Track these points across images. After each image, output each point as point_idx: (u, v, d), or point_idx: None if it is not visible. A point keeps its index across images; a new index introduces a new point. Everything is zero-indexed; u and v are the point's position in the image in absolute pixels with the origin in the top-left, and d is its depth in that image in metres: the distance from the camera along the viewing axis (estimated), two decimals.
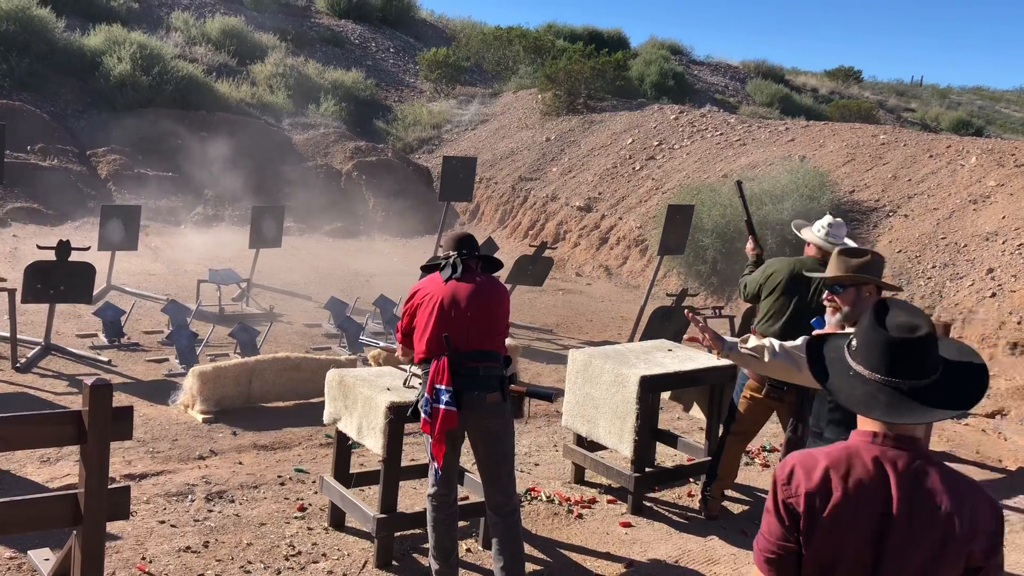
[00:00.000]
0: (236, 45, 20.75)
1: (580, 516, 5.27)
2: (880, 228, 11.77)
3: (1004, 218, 10.82)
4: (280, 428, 6.42)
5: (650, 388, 5.19)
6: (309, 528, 4.84)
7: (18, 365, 7.27)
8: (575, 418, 5.57)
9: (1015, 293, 9.54)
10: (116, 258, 10.06)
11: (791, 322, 4.84)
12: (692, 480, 5.84)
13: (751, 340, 3.44)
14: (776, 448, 6.60)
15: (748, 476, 6.02)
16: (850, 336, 2.14)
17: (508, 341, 4.28)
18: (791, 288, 4.91)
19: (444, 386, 3.80)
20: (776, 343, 3.49)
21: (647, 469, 5.47)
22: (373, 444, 4.37)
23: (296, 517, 4.96)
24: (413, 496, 5.18)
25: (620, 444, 5.24)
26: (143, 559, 4.35)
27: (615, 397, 5.25)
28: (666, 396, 6.00)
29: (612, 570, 4.65)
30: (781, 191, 11.85)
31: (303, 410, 6.75)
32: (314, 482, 5.40)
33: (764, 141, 15.38)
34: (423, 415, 3.89)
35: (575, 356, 5.59)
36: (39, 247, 7.93)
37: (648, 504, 5.49)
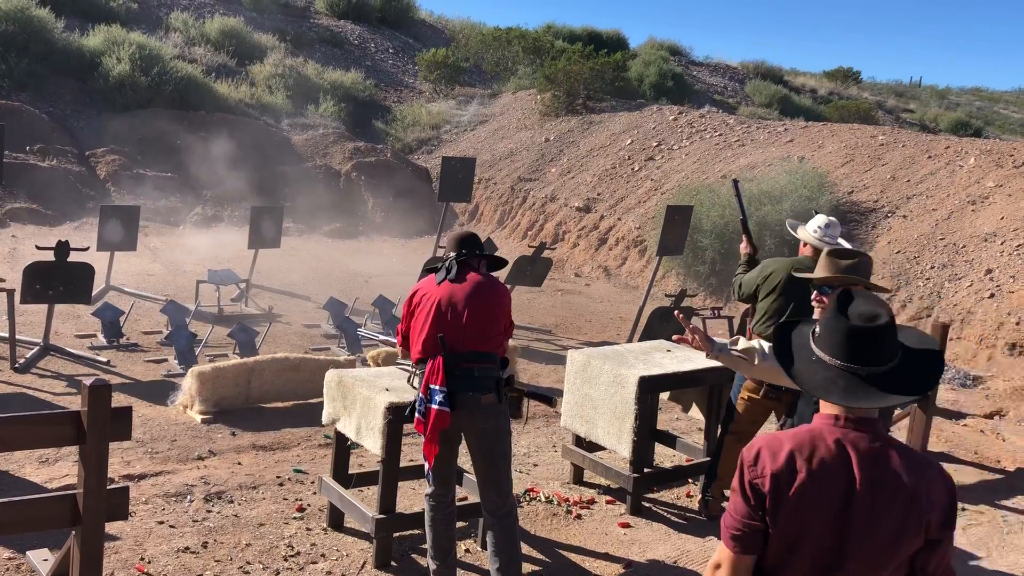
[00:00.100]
0: (235, 45, 20.75)
1: (579, 517, 5.28)
2: (879, 229, 11.78)
3: (1002, 219, 10.83)
4: (279, 429, 6.42)
5: (649, 389, 5.20)
6: (308, 529, 4.85)
7: (17, 365, 7.27)
8: (574, 419, 5.57)
9: (1013, 294, 9.55)
10: (115, 258, 10.06)
11: None
12: (691, 481, 5.85)
13: (741, 342, 3.42)
14: None
15: None
16: (815, 324, 2.21)
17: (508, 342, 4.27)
18: (789, 289, 4.92)
19: (438, 386, 3.82)
20: (766, 345, 3.47)
21: (646, 470, 5.48)
22: (372, 445, 4.38)
23: (295, 518, 4.97)
24: (412, 497, 5.18)
25: (619, 445, 5.25)
26: (142, 559, 4.36)
27: (614, 398, 5.25)
28: (665, 397, 6.01)
29: (611, 571, 4.66)
30: (780, 192, 11.87)
31: (302, 411, 6.75)
32: (313, 483, 5.39)
33: (763, 142, 15.38)
34: (417, 415, 3.91)
35: (574, 357, 5.59)
36: (38, 247, 7.92)
37: (647, 505, 5.49)
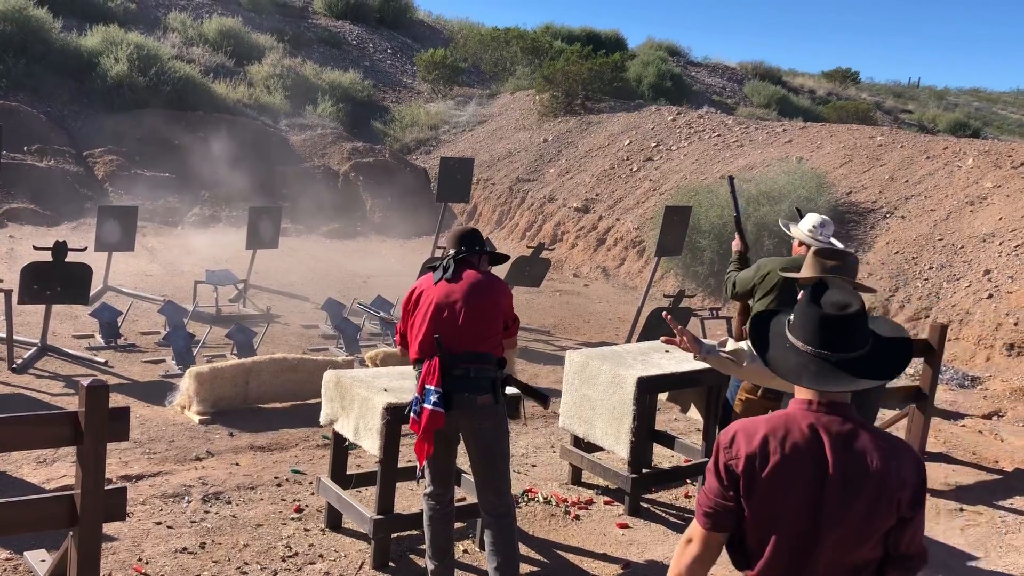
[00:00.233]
0: (233, 46, 20.73)
1: (577, 517, 5.27)
2: (877, 229, 11.79)
3: (1001, 220, 10.84)
4: (277, 429, 6.42)
5: (647, 389, 5.20)
6: (306, 529, 4.84)
7: (14, 366, 7.26)
8: (572, 419, 5.57)
9: (1012, 295, 9.56)
10: (113, 259, 10.05)
11: None
12: (689, 481, 5.84)
13: (729, 344, 3.39)
14: None
15: None
16: (791, 313, 2.29)
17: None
18: (787, 289, 4.91)
19: (433, 387, 3.83)
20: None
21: (644, 470, 5.48)
22: (370, 445, 4.37)
23: (293, 518, 4.96)
24: (410, 497, 5.17)
25: (617, 445, 5.24)
26: (139, 560, 4.35)
27: (612, 398, 5.25)
28: (663, 397, 6.00)
29: (609, 571, 4.66)
30: (778, 192, 11.87)
31: (300, 411, 6.74)
32: (311, 483, 5.39)
33: (761, 142, 15.39)
34: (411, 414, 3.92)
35: (572, 357, 5.58)
36: (36, 248, 7.91)
37: (645, 505, 5.49)
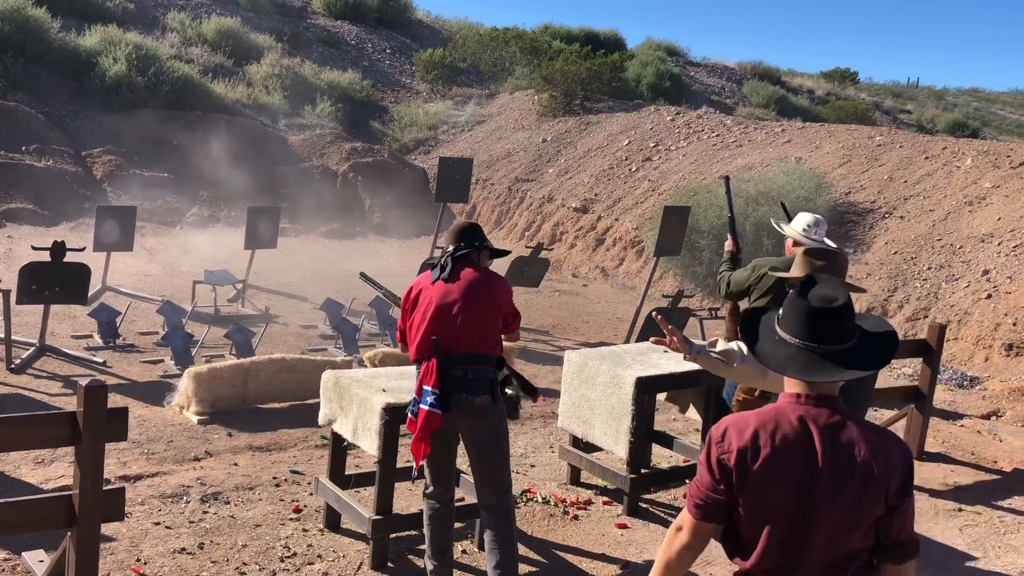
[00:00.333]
0: (232, 46, 20.72)
1: (576, 517, 5.27)
2: (876, 229, 11.79)
3: (999, 220, 10.84)
4: (276, 429, 6.41)
5: (646, 389, 5.19)
6: (304, 530, 4.84)
7: (12, 366, 7.25)
8: (571, 419, 5.57)
9: (1010, 295, 9.56)
10: (111, 259, 10.04)
11: None
12: (688, 481, 5.84)
13: (719, 344, 3.37)
14: None
15: None
16: (780, 308, 2.36)
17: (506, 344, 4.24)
18: (782, 288, 4.91)
19: (430, 387, 3.84)
20: (745, 347, 3.31)
21: (643, 470, 5.48)
22: (368, 445, 4.37)
23: (291, 519, 4.96)
24: (409, 497, 5.17)
25: (616, 445, 5.24)
26: (138, 561, 4.35)
27: (611, 398, 5.25)
28: (662, 397, 6.00)
29: (607, 571, 4.65)
30: (777, 192, 11.86)
31: (299, 411, 6.74)
32: (310, 483, 5.39)
33: (760, 142, 15.39)
34: (409, 415, 3.94)
35: (571, 357, 5.58)
36: (34, 248, 7.91)
37: (644, 505, 5.49)
